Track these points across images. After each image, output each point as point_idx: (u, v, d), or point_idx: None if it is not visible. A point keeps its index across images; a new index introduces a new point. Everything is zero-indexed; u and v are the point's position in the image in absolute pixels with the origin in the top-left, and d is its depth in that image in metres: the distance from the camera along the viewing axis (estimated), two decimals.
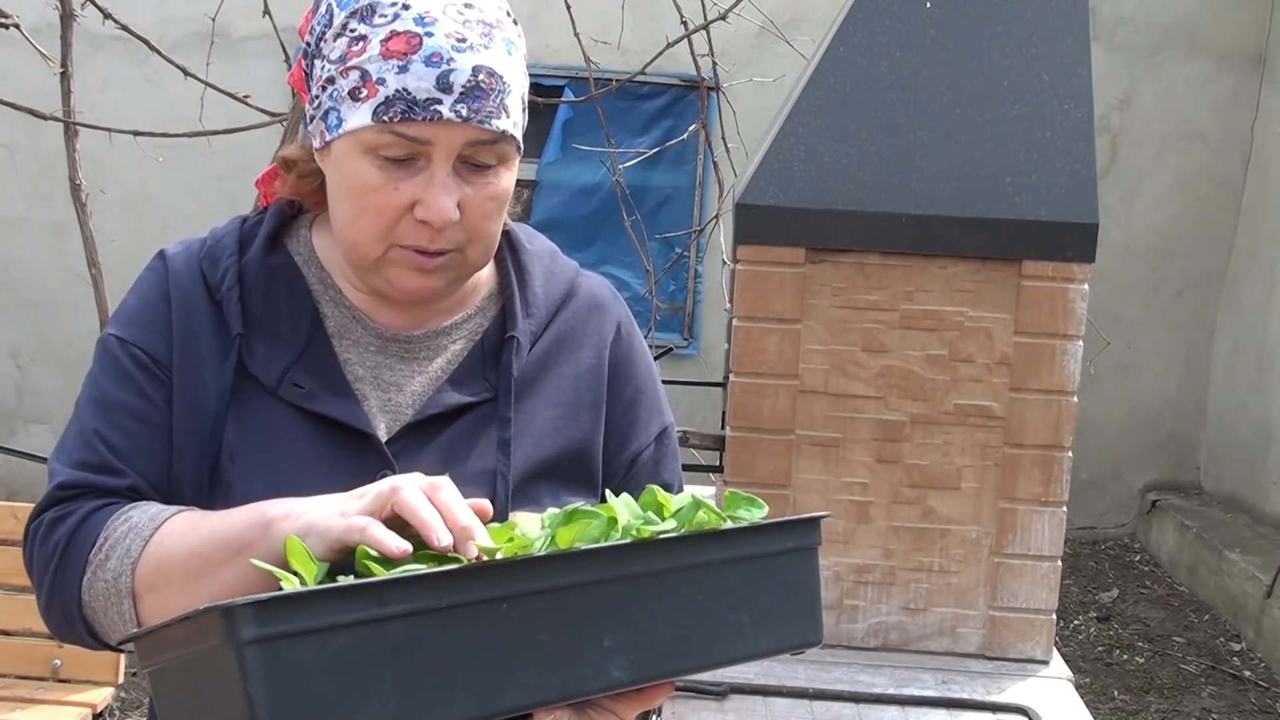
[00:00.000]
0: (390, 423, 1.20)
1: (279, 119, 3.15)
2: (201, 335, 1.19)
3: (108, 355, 1.21)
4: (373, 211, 1.12)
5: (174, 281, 1.22)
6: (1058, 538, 2.67)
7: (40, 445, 5.79)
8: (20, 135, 5.68)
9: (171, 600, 1.08)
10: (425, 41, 1.09)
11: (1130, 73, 6.15)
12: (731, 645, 1.03)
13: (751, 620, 1.03)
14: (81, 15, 2.99)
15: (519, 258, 1.29)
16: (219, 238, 1.25)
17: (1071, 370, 2.62)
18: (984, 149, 2.62)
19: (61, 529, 1.14)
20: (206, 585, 1.06)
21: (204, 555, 1.06)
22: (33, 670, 3.09)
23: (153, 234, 6.01)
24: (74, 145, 2.97)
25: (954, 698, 2.54)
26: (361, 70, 1.11)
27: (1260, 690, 4.72)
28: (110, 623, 1.12)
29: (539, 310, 1.26)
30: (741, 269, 2.64)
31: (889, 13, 2.69)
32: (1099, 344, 4.51)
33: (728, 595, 1.01)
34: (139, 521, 1.11)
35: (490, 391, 1.22)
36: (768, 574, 1.04)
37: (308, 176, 1.23)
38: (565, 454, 1.24)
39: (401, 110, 1.09)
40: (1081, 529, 6.27)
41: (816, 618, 1.08)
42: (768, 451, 2.66)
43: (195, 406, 1.17)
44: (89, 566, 1.12)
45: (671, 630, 0.98)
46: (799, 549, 1.07)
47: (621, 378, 1.30)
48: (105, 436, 1.17)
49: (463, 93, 1.09)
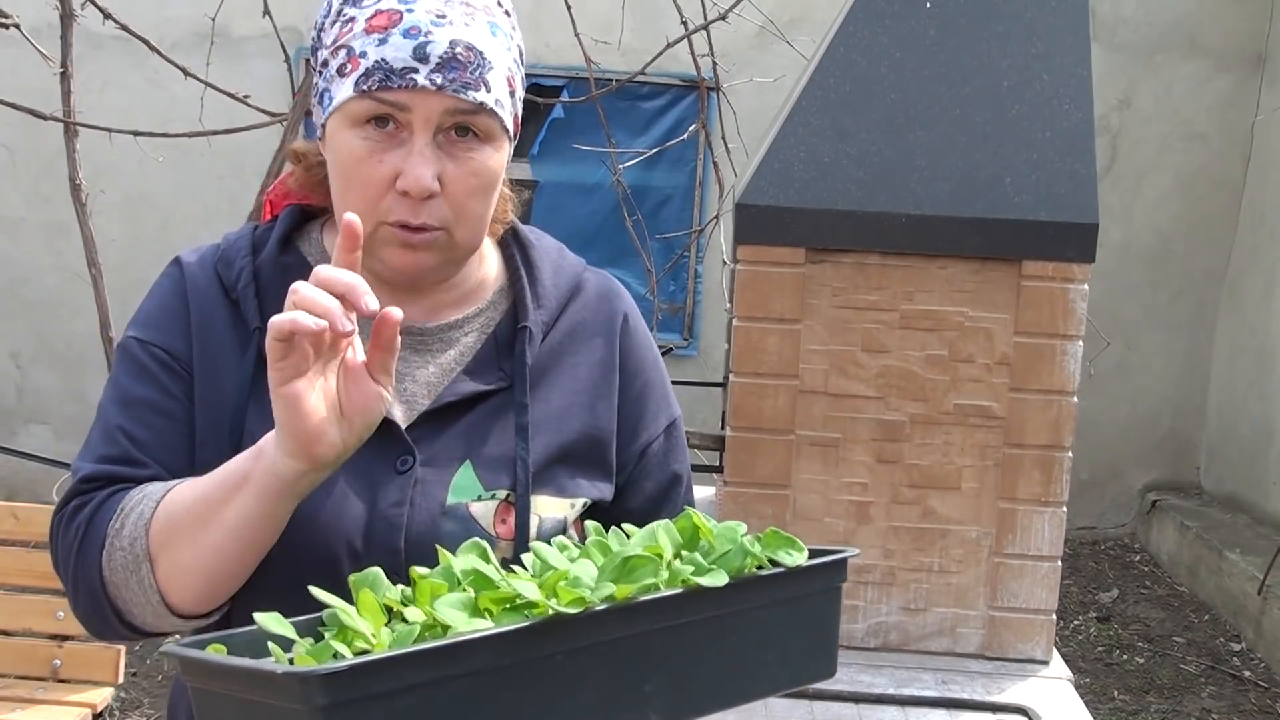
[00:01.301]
0: (407, 411, 1.22)
1: (279, 119, 3.15)
2: (220, 332, 1.22)
3: (128, 356, 1.24)
4: (359, 184, 1.15)
5: (191, 284, 1.24)
6: (1058, 538, 2.67)
7: (40, 445, 5.79)
8: (20, 135, 5.68)
9: (180, 554, 1.10)
10: (405, 16, 1.14)
11: (1130, 73, 6.15)
12: (757, 684, 1.04)
13: (776, 659, 1.04)
14: (81, 15, 3.00)
15: (527, 253, 1.32)
16: (232, 242, 1.28)
17: (1071, 370, 2.62)
18: (984, 149, 2.62)
19: (82, 513, 1.16)
20: (212, 532, 1.08)
21: (205, 499, 1.09)
22: (33, 670, 3.09)
23: (153, 234, 6.01)
24: (74, 145, 2.97)
25: (954, 698, 2.54)
26: (347, 48, 1.15)
27: (1260, 690, 4.72)
28: (132, 596, 1.13)
29: (549, 302, 1.29)
30: (741, 269, 2.64)
31: (889, 13, 2.69)
32: (1099, 344, 4.51)
33: (759, 636, 1.02)
34: (152, 490, 1.14)
35: (505, 380, 1.24)
36: (797, 614, 1.05)
37: (315, 169, 1.26)
38: (582, 440, 1.27)
39: (380, 79, 1.12)
40: (1081, 529, 6.27)
41: (833, 653, 1.09)
42: (768, 451, 2.66)
43: (216, 399, 1.20)
44: (108, 538, 1.13)
45: (706, 673, 0.99)
46: (828, 589, 1.08)
47: (630, 370, 1.32)
48: (128, 431, 1.19)
49: (439, 63, 1.13)
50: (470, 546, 1.00)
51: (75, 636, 3.10)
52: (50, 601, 3.10)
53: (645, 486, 1.33)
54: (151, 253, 6.22)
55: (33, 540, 3.20)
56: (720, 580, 0.96)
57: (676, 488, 1.35)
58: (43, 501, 3.54)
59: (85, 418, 4.62)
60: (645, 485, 1.33)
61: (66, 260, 5.77)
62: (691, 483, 1.40)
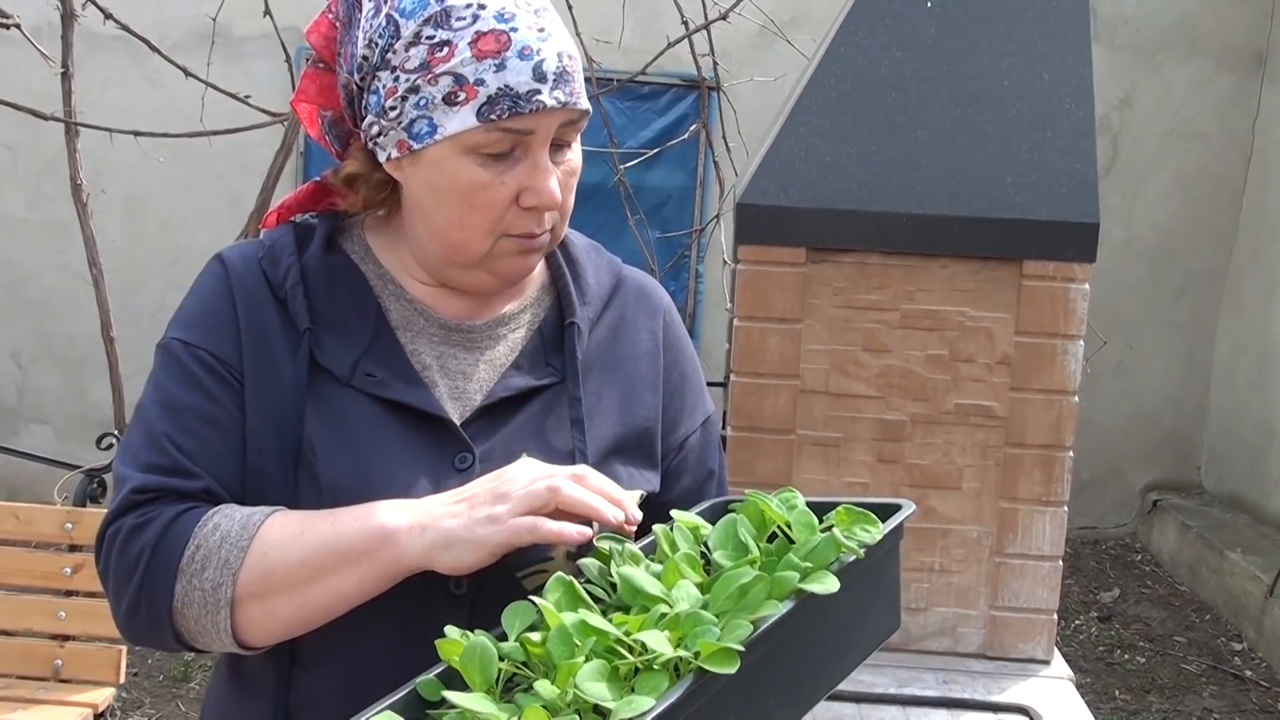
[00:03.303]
0: (461, 408, 1.22)
1: (279, 119, 3.15)
2: (271, 333, 1.19)
3: (172, 359, 1.20)
4: (483, 208, 1.16)
5: (237, 283, 1.22)
6: (1059, 537, 2.67)
7: (41, 445, 5.78)
8: (21, 135, 5.67)
9: (278, 606, 1.10)
10: (513, 38, 1.13)
11: (1131, 72, 6.15)
12: (847, 659, 1.05)
13: (859, 630, 1.05)
14: (82, 15, 3.00)
15: (568, 251, 1.34)
16: (275, 239, 1.26)
17: (1072, 370, 2.62)
18: (985, 149, 2.62)
19: (145, 535, 1.13)
20: (318, 592, 1.09)
21: (316, 565, 1.08)
22: (33, 670, 3.08)
23: (153, 234, 6.01)
24: (74, 145, 2.97)
25: (955, 698, 2.54)
26: (455, 75, 1.13)
27: (1261, 690, 4.72)
28: (202, 629, 1.12)
29: (594, 299, 1.31)
30: (742, 269, 2.64)
31: (889, 13, 2.69)
32: (1098, 343, 4.50)
33: (850, 616, 1.03)
34: (230, 530, 1.11)
35: (556, 375, 1.25)
36: (870, 581, 1.05)
37: (378, 188, 1.24)
38: (633, 433, 1.27)
39: (508, 106, 1.12)
40: (1082, 529, 6.27)
41: (897, 605, 1.10)
42: (768, 451, 2.66)
43: (272, 403, 1.17)
44: (181, 575, 1.11)
45: (812, 665, 1.00)
46: (892, 549, 1.08)
47: (670, 363, 1.34)
48: (175, 439, 1.16)
49: (555, 79, 1.13)
50: (555, 584, 0.99)
51: (76, 636, 3.10)
52: (51, 601, 3.10)
53: (683, 480, 1.33)
54: (152, 253, 6.23)
55: (34, 540, 3.20)
56: (832, 586, 0.95)
57: (710, 483, 1.36)
58: (43, 501, 3.53)
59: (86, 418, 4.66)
60: (683, 479, 1.33)
61: (67, 260, 5.77)
62: (725, 475, 1.40)
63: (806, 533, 1.01)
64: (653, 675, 0.89)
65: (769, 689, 0.95)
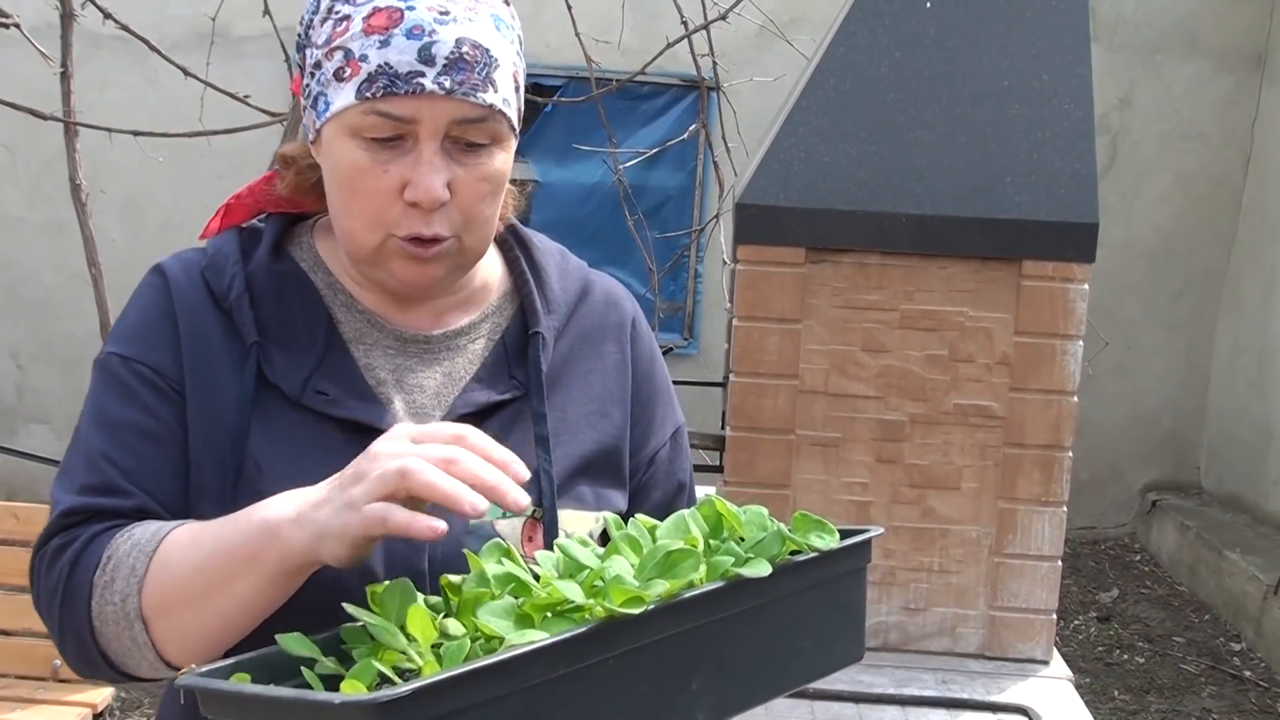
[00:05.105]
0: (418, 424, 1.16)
1: (279, 119, 3.15)
2: (213, 345, 1.13)
3: (109, 375, 1.15)
4: (364, 195, 1.09)
5: (177, 294, 1.16)
6: (1058, 537, 2.67)
7: (40, 445, 5.78)
8: (20, 135, 5.68)
9: (185, 622, 1.03)
10: (406, 15, 1.06)
11: (1130, 73, 6.15)
12: (795, 673, 1.02)
13: (810, 645, 1.02)
14: (81, 15, 2.99)
15: (532, 255, 1.26)
16: (218, 247, 1.20)
17: (1072, 370, 2.62)
18: (984, 149, 2.62)
19: (65, 556, 1.08)
20: (218, 601, 1.01)
21: (211, 569, 1.01)
22: (33, 670, 3.09)
23: (153, 234, 6.01)
24: (74, 145, 2.97)
25: (954, 698, 2.54)
26: (345, 49, 1.08)
27: (1260, 690, 4.72)
28: (124, 649, 1.06)
29: (559, 307, 1.24)
30: (741, 269, 2.64)
31: (889, 13, 2.69)
32: (1098, 344, 4.51)
33: (794, 623, 1.00)
34: (141, 538, 1.06)
35: (519, 389, 1.18)
36: (828, 597, 1.03)
37: (306, 172, 1.19)
38: (600, 450, 1.22)
39: (384, 85, 1.05)
40: (1082, 529, 6.27)
41: (862, 635, 1.08)
42: (768, 451, 2.66)
43: (213, 418, 1.11)
44: (95, 589, 1.05)
45: (747, 665, 0.97)
46: (855, 570, 1.06)
47: (640, 375, 1.28)
48: (111, 457, 1.10)
49: (446, 64, 1.06)
50: (492, 548, 0.97)
51: None
52: None
53: (653, 495, 1.28)
54: (151, 253, 6.20)
55: (33, 540, 3.19)
56: (764, 570, 0.94)
57: (680, 496, 1.32)
58: (43, 501, 3.53)
59: None
60: (653, 494, 1.28)
61: (66, 260, 5.77)
62: (694, 488, 1.36)
63: (755, 530, 1.01)
64: (560, 620, 0.88)
65: (693, 673, 0.93)
